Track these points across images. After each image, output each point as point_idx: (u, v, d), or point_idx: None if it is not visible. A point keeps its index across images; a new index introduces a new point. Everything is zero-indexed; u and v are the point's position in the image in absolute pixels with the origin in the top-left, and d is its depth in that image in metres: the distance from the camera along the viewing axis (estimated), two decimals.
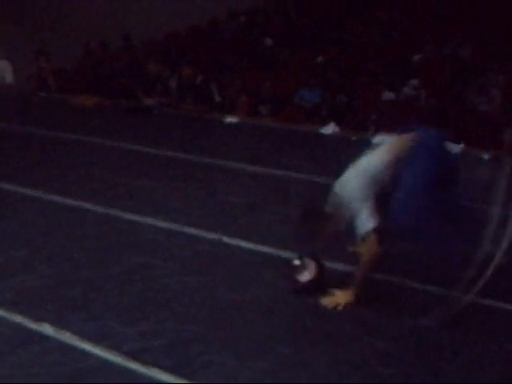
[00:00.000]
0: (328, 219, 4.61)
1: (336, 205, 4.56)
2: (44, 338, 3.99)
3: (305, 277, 4.58)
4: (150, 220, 5.97)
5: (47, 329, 4.06)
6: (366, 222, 4.31)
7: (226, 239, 5.53)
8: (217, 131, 10.23)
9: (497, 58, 11.10)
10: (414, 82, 10.92)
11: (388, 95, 10.80)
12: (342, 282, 4.52)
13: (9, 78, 13.34)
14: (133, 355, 3.78)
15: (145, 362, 3.71)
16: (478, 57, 11.48)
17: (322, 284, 4.58)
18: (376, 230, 4.31)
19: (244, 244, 5.44)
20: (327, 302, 4.42)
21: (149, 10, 16.44)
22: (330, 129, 9.84)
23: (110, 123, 10.62)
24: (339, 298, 4.42)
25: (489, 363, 3.78)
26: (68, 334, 4.01)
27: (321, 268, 4.64)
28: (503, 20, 12.42)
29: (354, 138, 9.33)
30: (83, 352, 3.83)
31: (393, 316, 4.29)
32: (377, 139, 9.00)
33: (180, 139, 9.44)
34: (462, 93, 10.26)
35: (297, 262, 4.64)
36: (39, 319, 4.17)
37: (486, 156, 8.50)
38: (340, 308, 4.36)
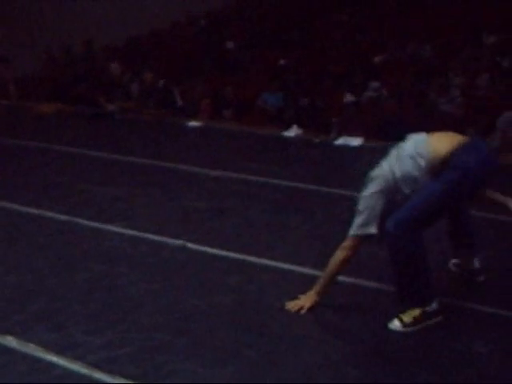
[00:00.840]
0: None
1: None
2: (8, 350, 3.93)
3: None
4: (113, 227, 5.92)
5: (11, 341, 4.01)
6: (361, 225, 4.21)
7: (190, 245, 5.50)
8: (179, 136, 10.18)
9: (456, 58, 11.23)
10: (375, 84, 10.98)
11: (350, 98, 10.85)
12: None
13: None
14: (98, 365, 3.74)
15: (111, 372, 3.67)
16: (439, 57, 11.59)
17: None
18: (362, 239, 4.25)
19: (208, 249, 5.41)
20: (291, 305, 4.42)
21: (110, 14, 16.36)
22: (292, 132, 9.85)
23: (72, 130, 10.53)
24: (303, 301, 4.41)
25: (456, 364, 3.80)
26: (32, 345, 3.96)
27: None
28: (462, 21, 12.57)
29: (317, 141, 9.35)
30: (48, 363, 3.78)
31: (360, 318, 4.30)
32: (340, 141, 9.11)
33: (142, 144, 9.39)
34: (424, 93, 10.34)
35: None
36: (2, 331, 4.11)
37: None
38: (303, 311, 4.35)
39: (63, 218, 6.17)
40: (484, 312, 4.37)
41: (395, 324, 4.16)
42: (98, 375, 3.65)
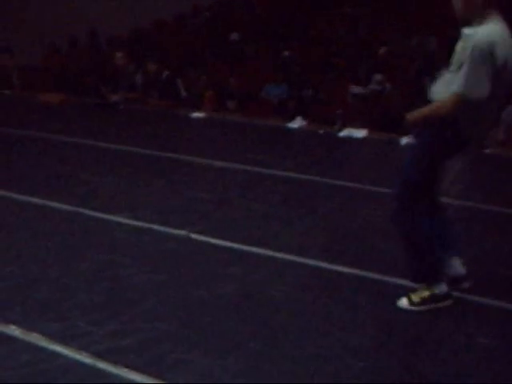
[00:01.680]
0: None
1: None
2: (11, 339, 3.93)
3: None
4: (116, 217, 5.91)
5: (14, 330, 4.01)
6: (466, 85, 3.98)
7: (193, 236, 5.50)
8: (183, 126, 10.18)
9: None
10: (379, 76, 10.96)
11: (357, 89, 10.83)
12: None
13: None
14: (102, 355, 3.74)
15: (114, 362, 3.67)
16: (443, 49, 11.54)
17: None
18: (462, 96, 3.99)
19: (212, 240, 5.41)
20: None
21: (114, 5, 16.32)
22: (297, 123, 9.83)
23: (76, 120, 10.53)
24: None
25: (459, 357, 3.80)
26: (35, 334, 3.96)
27: None
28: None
29: (321, 132, 9.34)
30: (51, 353, 3.78)
31: (363, 310, 4.29)
32: (344, 133, 9.09)
33: (146, 135, 9.38)
34: (427, 85, 10.30)
35: None
36: (6, 321, 4.11)
37: None
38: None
39: (67, 208, 6.16)
40: (487, 305, 4.37)
41: (403, 302, 4.20)
42: (102, 365, 3.65)
